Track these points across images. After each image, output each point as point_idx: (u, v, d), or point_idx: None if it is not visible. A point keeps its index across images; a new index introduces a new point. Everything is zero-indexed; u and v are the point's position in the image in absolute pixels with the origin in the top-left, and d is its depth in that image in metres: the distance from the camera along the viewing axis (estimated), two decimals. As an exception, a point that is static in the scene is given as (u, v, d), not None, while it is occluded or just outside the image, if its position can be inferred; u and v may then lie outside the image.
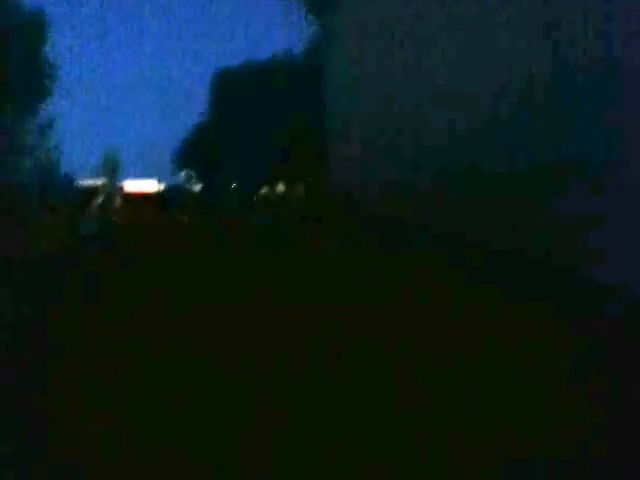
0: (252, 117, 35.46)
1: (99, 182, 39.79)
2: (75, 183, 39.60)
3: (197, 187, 46.33)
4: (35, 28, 30.73)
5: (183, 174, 48.71)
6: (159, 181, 43.70)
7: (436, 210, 12.23)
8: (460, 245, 10.34)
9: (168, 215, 29.11)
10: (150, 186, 43.40)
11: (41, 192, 32.53)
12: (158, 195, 36.34)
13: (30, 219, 21.91)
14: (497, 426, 3.54)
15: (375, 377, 4.43)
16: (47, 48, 32.01)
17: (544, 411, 3.75)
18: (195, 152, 42.51)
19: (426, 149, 13.01)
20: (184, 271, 9.84)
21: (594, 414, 3.70)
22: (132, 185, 41.29)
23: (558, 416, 3.68)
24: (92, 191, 34.16)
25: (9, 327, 6.33)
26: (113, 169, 47.83)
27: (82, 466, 3.14)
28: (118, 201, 33.93)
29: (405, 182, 13.95)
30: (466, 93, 11.13)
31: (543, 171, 8.67)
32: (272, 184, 39.13)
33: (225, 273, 9.55)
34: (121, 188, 40.27)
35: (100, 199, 32.54)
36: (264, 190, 39.52)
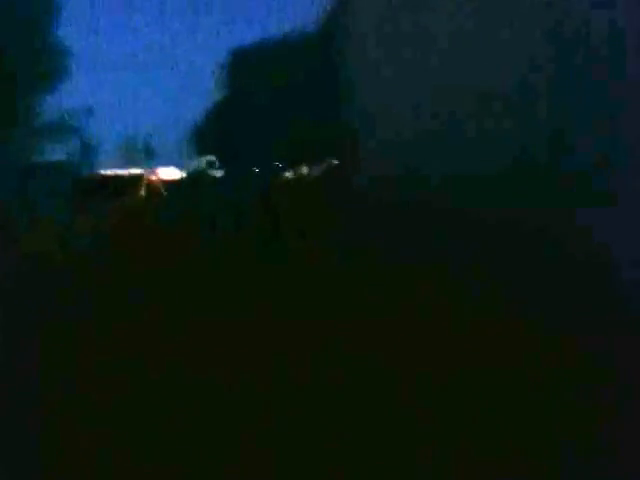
0: (270, 102, 34.91)
1: (137, 171, 38.43)
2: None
3: (219, 174, 45.51)
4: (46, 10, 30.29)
5: (204, 161, 47.96)
6: (180, 168, 43.30)
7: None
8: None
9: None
10: (172, 174, 42.97)
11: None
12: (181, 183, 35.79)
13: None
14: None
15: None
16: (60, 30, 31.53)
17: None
18: (215, 137, 41.85)
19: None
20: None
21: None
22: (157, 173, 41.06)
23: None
24: (132, 181, 32.12)
25: None
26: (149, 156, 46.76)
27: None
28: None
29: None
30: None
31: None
32: (291, 169, 38.50)
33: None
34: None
35: (143, 190, 31.02)
36: (283, 175, 38.91)
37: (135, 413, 4.12)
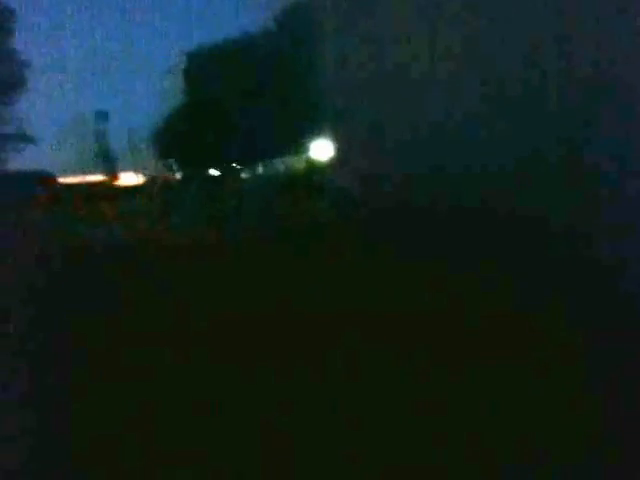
0: (234, 98, 34.41)
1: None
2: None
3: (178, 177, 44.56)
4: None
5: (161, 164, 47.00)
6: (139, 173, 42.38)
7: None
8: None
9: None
10: (129, 179, 42.07)
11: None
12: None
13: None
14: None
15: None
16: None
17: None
18: (174, 141, 41.13)
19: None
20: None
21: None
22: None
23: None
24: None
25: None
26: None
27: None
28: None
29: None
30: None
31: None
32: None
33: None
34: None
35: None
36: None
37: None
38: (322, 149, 28.45)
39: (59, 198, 27.21)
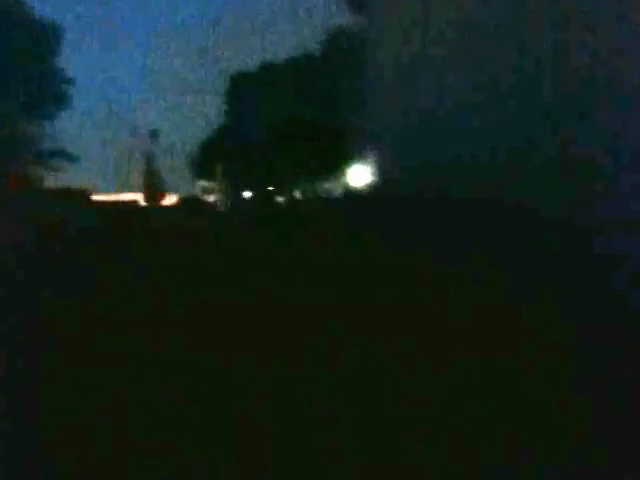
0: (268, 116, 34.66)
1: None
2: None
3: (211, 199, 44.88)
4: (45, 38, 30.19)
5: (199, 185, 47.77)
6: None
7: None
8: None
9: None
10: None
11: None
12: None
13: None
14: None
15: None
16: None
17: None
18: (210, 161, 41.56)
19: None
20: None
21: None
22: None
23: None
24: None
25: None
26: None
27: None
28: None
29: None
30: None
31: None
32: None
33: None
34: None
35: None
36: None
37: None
38: (359, 174, 28.52)
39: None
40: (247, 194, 40.64)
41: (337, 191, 33.44)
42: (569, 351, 4.69)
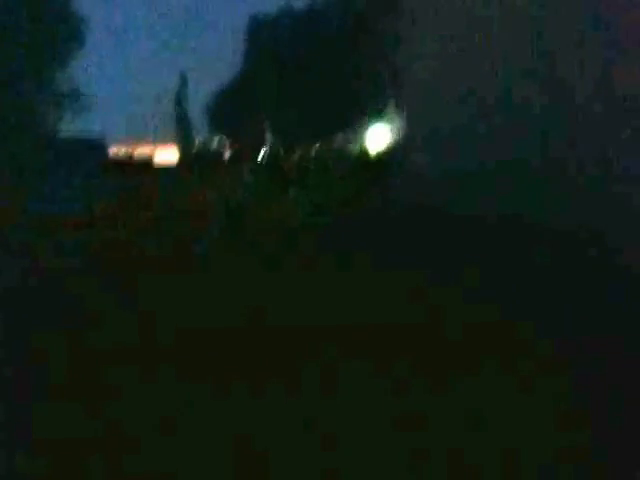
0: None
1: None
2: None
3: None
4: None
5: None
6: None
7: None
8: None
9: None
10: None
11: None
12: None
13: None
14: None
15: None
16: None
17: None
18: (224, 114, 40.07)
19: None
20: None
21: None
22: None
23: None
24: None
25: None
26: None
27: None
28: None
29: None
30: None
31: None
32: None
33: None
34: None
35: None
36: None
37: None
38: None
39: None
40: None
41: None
42: (566, 367, 4.67)
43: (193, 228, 12.70)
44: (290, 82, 34.21)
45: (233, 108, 37.03)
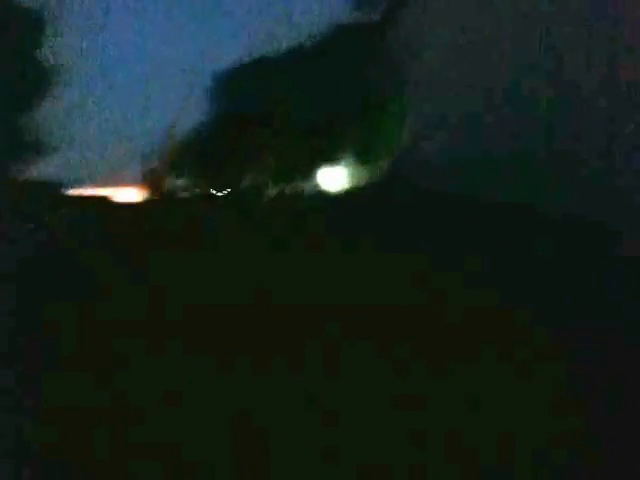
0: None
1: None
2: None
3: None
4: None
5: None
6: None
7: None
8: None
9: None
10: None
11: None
12: None
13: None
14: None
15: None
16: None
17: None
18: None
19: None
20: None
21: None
22: None
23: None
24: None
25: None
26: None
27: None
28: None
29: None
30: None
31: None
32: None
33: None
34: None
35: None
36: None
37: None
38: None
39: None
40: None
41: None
42: (567, 355, 4.66)
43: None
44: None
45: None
